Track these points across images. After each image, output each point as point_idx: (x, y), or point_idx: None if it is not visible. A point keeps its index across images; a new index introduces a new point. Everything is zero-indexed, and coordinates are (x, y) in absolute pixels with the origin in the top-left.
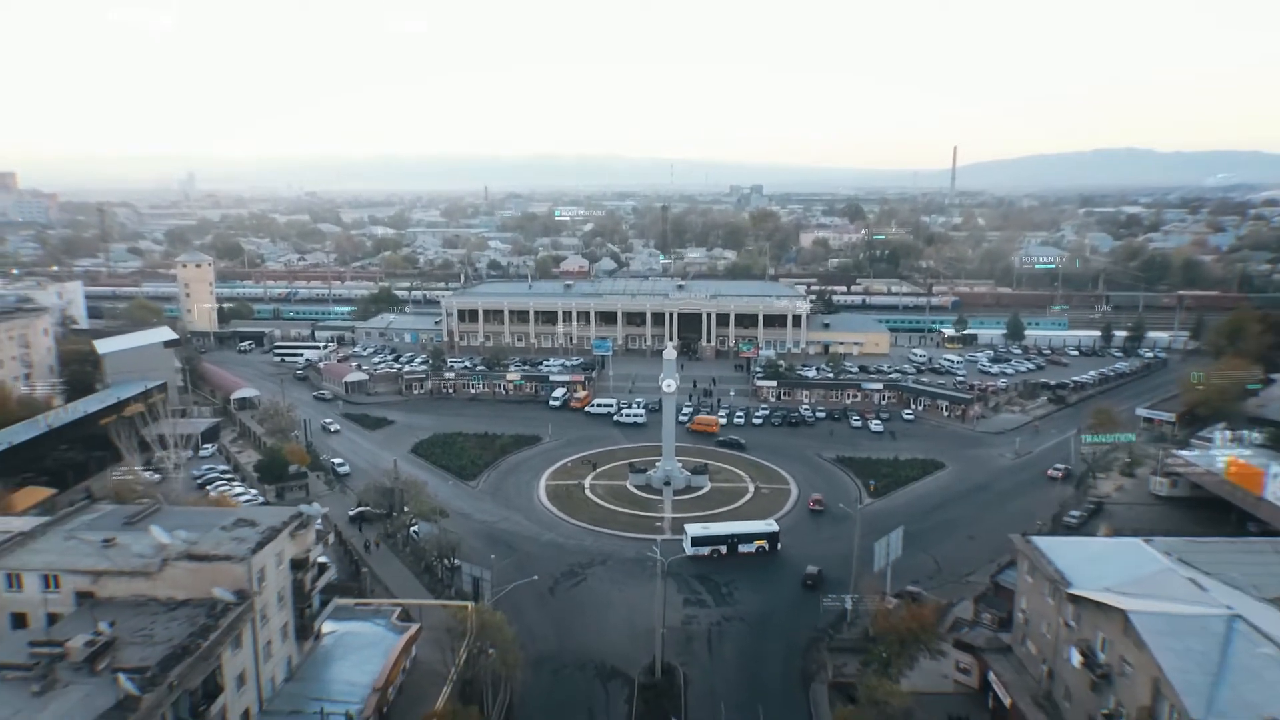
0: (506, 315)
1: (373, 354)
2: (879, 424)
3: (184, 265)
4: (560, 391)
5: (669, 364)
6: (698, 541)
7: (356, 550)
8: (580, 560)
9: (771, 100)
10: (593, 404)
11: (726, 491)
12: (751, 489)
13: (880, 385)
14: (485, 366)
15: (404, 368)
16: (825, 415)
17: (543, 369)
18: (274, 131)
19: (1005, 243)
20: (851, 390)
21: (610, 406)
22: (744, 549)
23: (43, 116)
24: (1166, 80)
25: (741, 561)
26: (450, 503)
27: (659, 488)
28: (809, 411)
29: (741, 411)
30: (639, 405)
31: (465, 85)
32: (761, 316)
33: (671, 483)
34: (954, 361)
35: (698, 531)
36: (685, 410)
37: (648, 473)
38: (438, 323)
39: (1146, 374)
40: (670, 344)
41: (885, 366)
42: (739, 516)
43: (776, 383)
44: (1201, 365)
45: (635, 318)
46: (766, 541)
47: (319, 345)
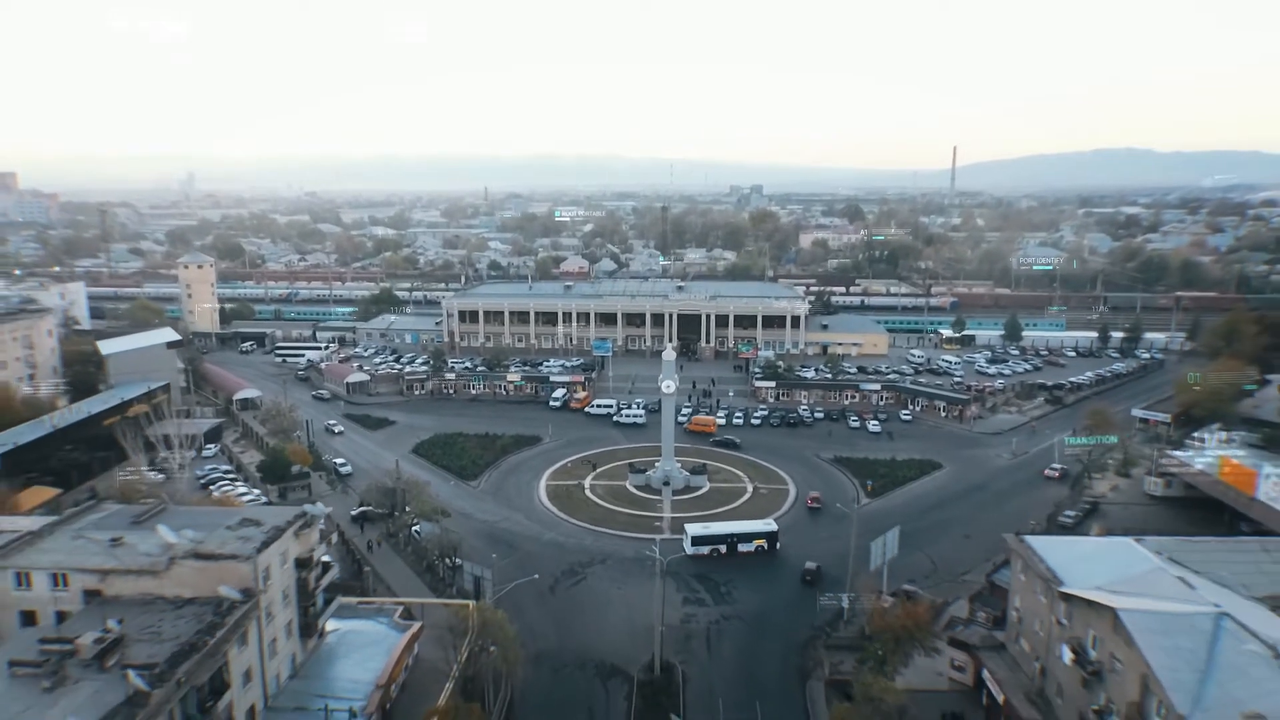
0: (507, 316)
1: (374, 355)
2: (877, 424)
3: (185, 266)
4: (560, 392)
5: (668, 365)
6: (698, 541)
7: (359, 550)
8: (580, 559)
9: (771, 100)
10: (593, 404)
11: (725, 491)
12: (750, 489)
13: (878, 386)
14: (486, 367)
15: (405, 368)
16: (823, 416)
17: (543, 370)
18: (274, 131)
19: (1004, 243)
20: (850, 391)
21: (610, 407)
22: (743, 548)
23: (43, 117)
24: (1166, 80)
25: (740, 561)
26: (451, 503)
27: (658, 488)
28: (807, 412)
29: (740, 412)
30: (639, 406)
31: (465, 85)
32: (760, 317)
33: (671, 483)
34: (952, 362)
35: (698, 531)
36: (685, 411)
37: (647, 473)
38: (438, 323)
39: (1143, 375)
40: (669, 345)
41: (883, 367)
42: (738, 516)
43: (775, 383)
44: (1198, 366)
45: (635, 319)
46: (765, 541)
47: (320, 346)
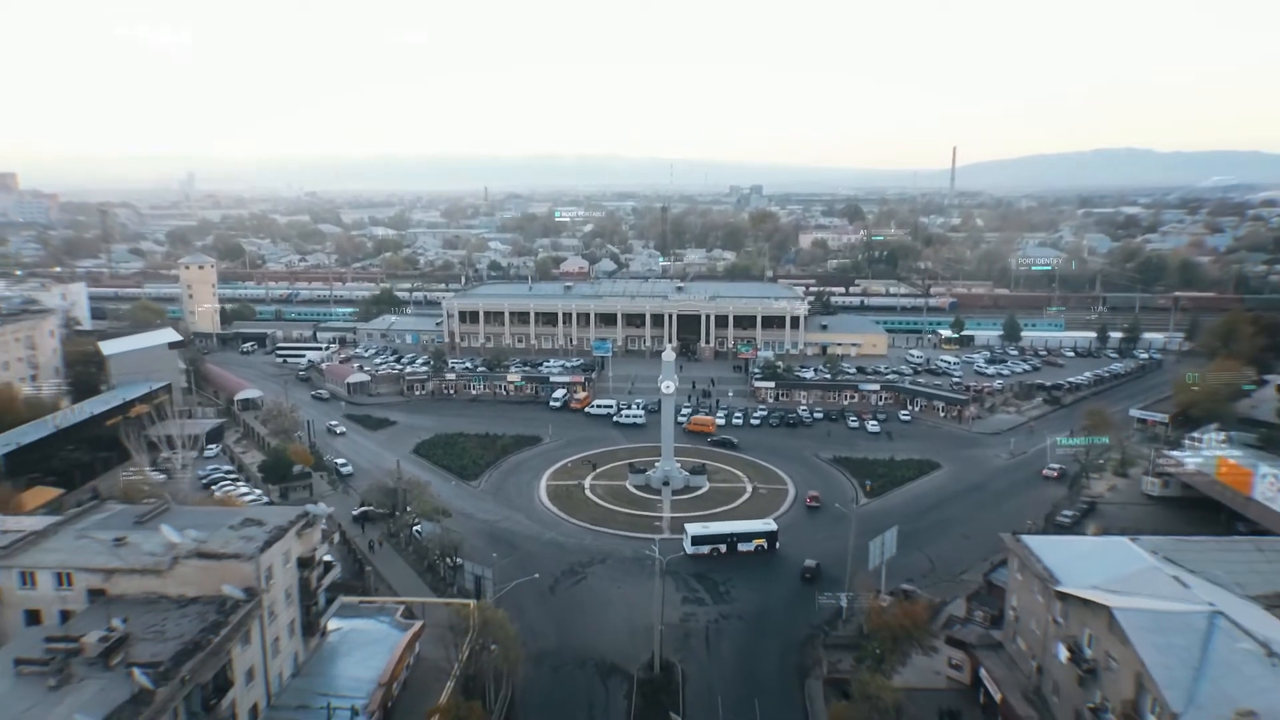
0: (507, 316)
1: (374, 355)
2: (876, 425)
3: (186, 267)
4: (560, 392)
5: (668, 365)
6: (698, 541)
7: (360, 549)
8: (580, 559)
9: (771, 100)
10: (593, 405)
11: (725, 491)
12: (749, 489)
13: (877, 386)
14: (486, 367)
15: (405, 369)
16: (823, 416)
17: (543, 370)
18: (274, 131)
19: (1003, 244)
20: (849, 391)
21: (610, 407)
22: (743, 548)
23: (43, 117)
24: (1166, 80)
25: (740, 560)
26: (452, 502)
27: (658, 488)
28: (807, 412)
29: (740, 412)
30: (638, 406)
31: (465, 85)
32: (760, 318)
33: (670, 483)
34: (951, 363)
35: (698, 531)
36: (684, 411)
37: (647, 473)
38: (439, 324)
39: (1141, 375)
40: (669, 345)
41: (882, 367)
42: (737, 516)
43: (774, 384)
44: (1196, 366)
45: (635, 319)
46: (765, 540)
47: (321, 346)
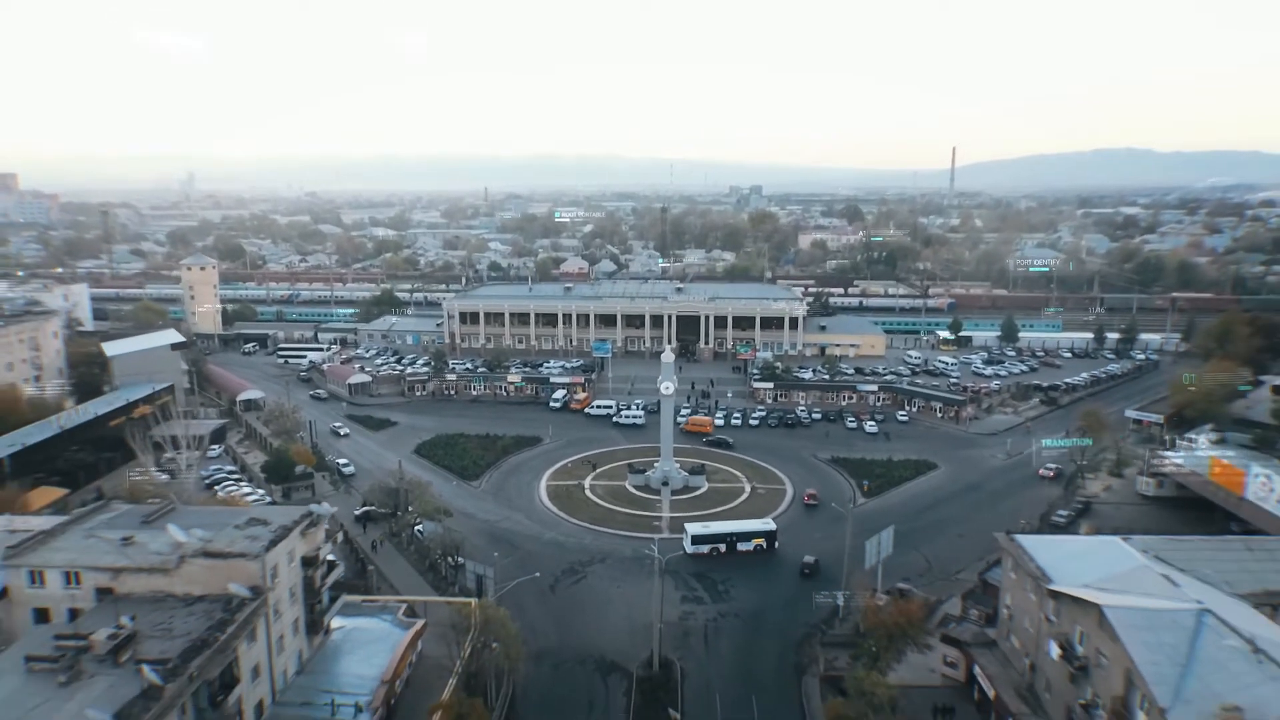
0: (507, 317)
1: (375, 356)
2: (874, 425)
3: (188, 268)
4: (560, 393)
5: (667, 366)
6: (698, 540)
7: (363, 549)
8: (580, 558)
9: (771, 100)
10: (592, 405)
11: (723, 491)
12: (748, 489)
13: (875, 387)
14: (487, 368)
15: (406, 369)
16: (821, 417)
17: (543, 371)
18: (274, 131)
19: (1002, 244)
20: (847, 392)
21: (610, 408)
22: (742, 547)
23: (43, 117)
24: (1166, 80)
25: (738, 560)
26: (453, 502)
27: (657, 488)
28: (805, 413)
29: (739, 413)
30: (638, 407)
31: (465, 85)
32: (759, 319)
33: (669, 483)
34: (948, 363)
35: (698, 530)
36: (684, 412)
37: (646, 473)
38: (439, 325)
39: (1138, 376)
40: (668, 346)
41: (881, 368)
42: (736, 516)
43: (773, 384)
44: (1192, 367)
45: (634, 320)
46: (764, 540)
47: (322, 347)
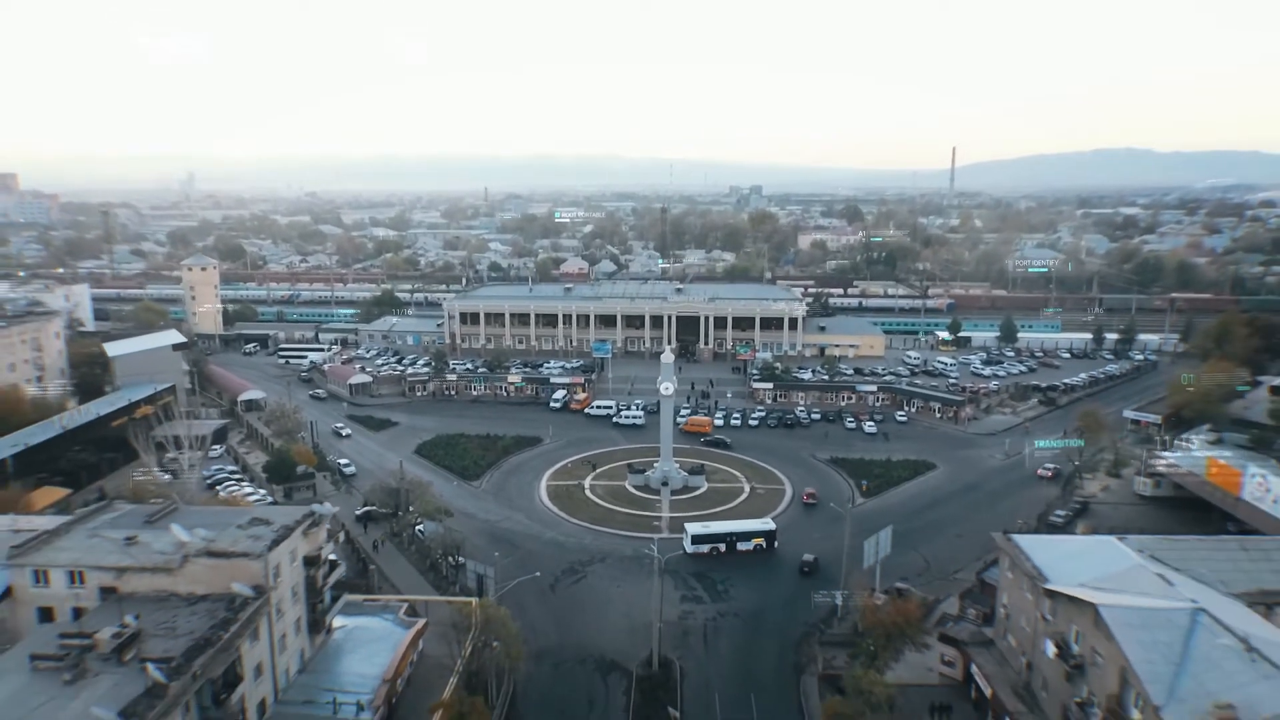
0: (508, 318)
1: (376, 356)
2: (873, 425)
3: (189, 268)
4: (560, 393)
5: (666, 367)
6: (698, 540)
7: (364, 549)
8: (580, 558)
9: (771, 100)
10: (592, 406)
11: (723, 491)
12: (747, 489)
13: (874, 387)
14: (487, 369)
15: (407, 370)
16: (820, 417)
17: (543, 371)
18: (274, 131)
19: (1001, 245)
20: (846, 392)
21: (610, 408)
22: (742, 547)
23: (43, 117)
24: (1166, 80)
25: (737, 559)
26: (454, 502)
27: (657, 488)
28: (804, 413)
29: (738, 413)
30: (638, 407)
31: (465, 85)
32: (758, 319)
33: (669, 483)
34: (947, 364)
35: (698, 530)
36: (684, 412)
37: (646, 473)
38: (440, 325)
39: (1136, 376)
40: (668, 347)
41: (880, 369)
42: (735, 516)
43: (772, 385)
44: (1190, 368)
45: (634, 320)
46: (764, 540)
47: (323, 347)
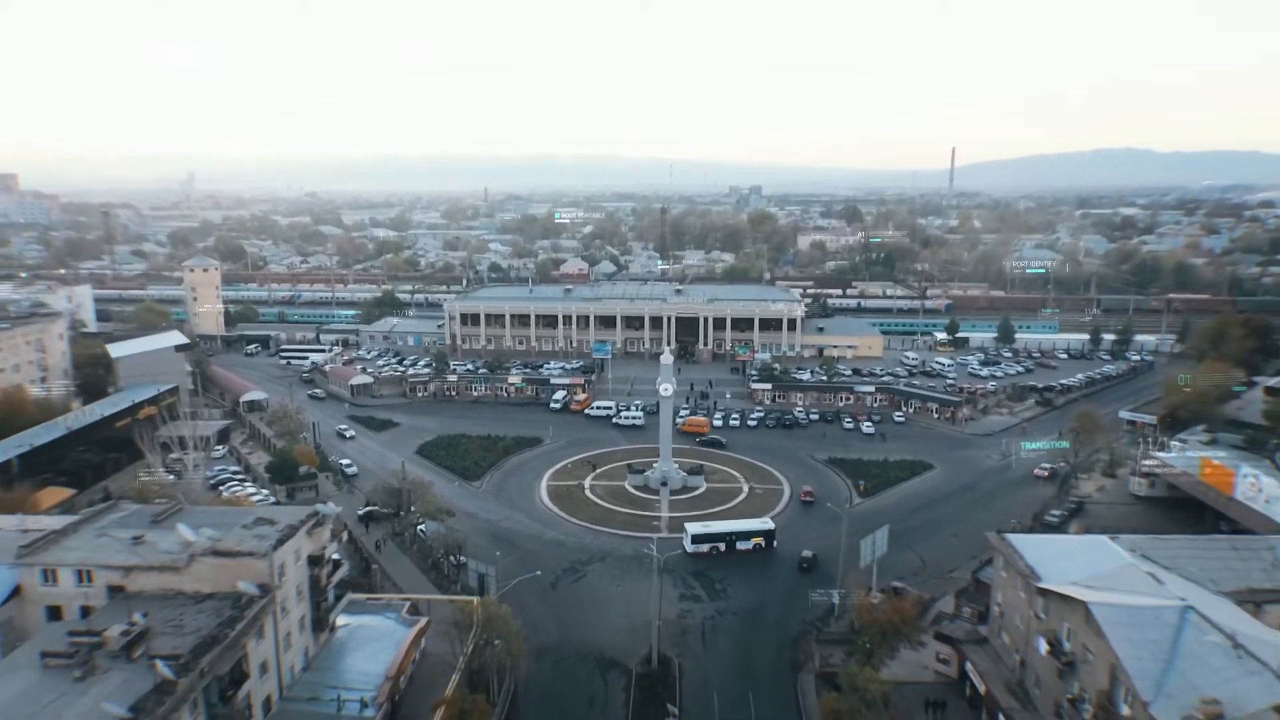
0: (508, 319)
1: (377, 357)
2: (870, 426)
3: (191, 269)
4: (561, 394)
5: (666, 368)
6: (698, 539)
7: (366, 548)
8: (581, 557)
9: (771, 100)
10: (592, 406)
11: (721, 491)
12: (746, 489)
13: (872, 388)
14: (487, 369)
15: (408, 371)
16: (818, 417)
17: (543, 372)
18: (274, 131)
19: (1000, 245)
20: (844, 393)
21: (609, 409)
22: (741, 546)
23: (42, 117)
24: (1166, 80)
25: (737, 559)
26: (455, 502)
27: (656, 488)
28: (803, 414)
29: (737, 414)
30: (637, 408)
31: (465, 85)
32: (757, 320)
33: (668, 483)
34: (945, 365)
35: (698, 529)
36: (683, 412)
37: (645, 473)
38: (440, 326)
39: (1133, 377)
40: (668, 348)
41: (878, 369)
42: (734, 516)
43: (771, 385)
44: (1187, 369)
45: (634, 321)
46: (763, 539)
47: (324, 348)
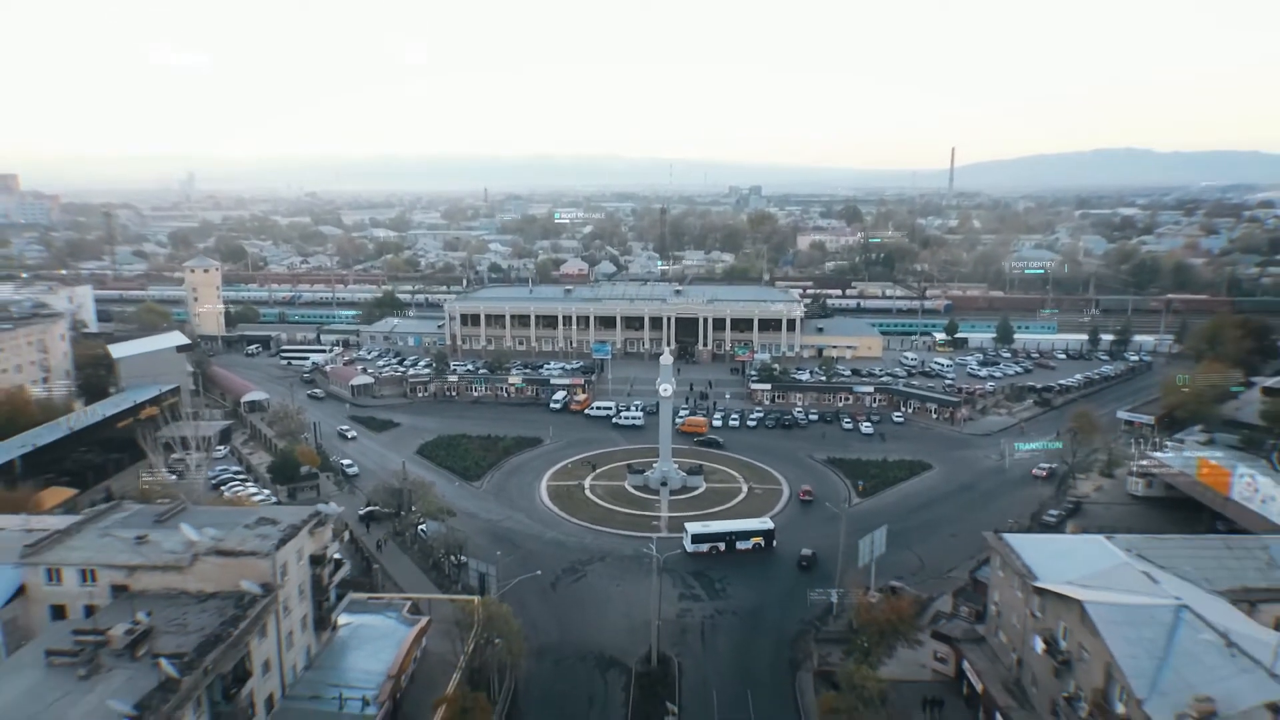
0: (508, 319)
1: (377, 357)
2: (869, 426)
3: (192, 270)
4: (561, 394)
5: (665, 369)
6: (698, 539)
7: (367, 548)
8: (581, 557)
9: (771, 100)
10: (592, 407)
11: (721, 491)
12: (745, 489)
13: (871, 388)
14: (488, 370)
15: (408, 371)
16: (818, 418)
17: (543, 372)
18: (274, 132)
19: (999, 246)
20: (843, 393)
21: (609, 409)
22: (741, 546)
23: (43, 117)
24: (1166, 80)
25: (736, 558)
26: (456, 502)
27: (656, 488)
28: (802, 414)
29: (736, 414)
30: (637, 408)
31: (465, 85)
32: (757, 321)
33: (668, 483)
34: (944, 365)
35: (698, 529)
36: (683, 413)
37: (645, 474)
38: (440, 326)
39: (1131, 377)
40: (667, 348)
41: (877, 370)
42: (733, 516)
43: (771, 386)
44: (1185, 369)
45: (634, 322)
46: (762, 539)
47: (325, 349)
